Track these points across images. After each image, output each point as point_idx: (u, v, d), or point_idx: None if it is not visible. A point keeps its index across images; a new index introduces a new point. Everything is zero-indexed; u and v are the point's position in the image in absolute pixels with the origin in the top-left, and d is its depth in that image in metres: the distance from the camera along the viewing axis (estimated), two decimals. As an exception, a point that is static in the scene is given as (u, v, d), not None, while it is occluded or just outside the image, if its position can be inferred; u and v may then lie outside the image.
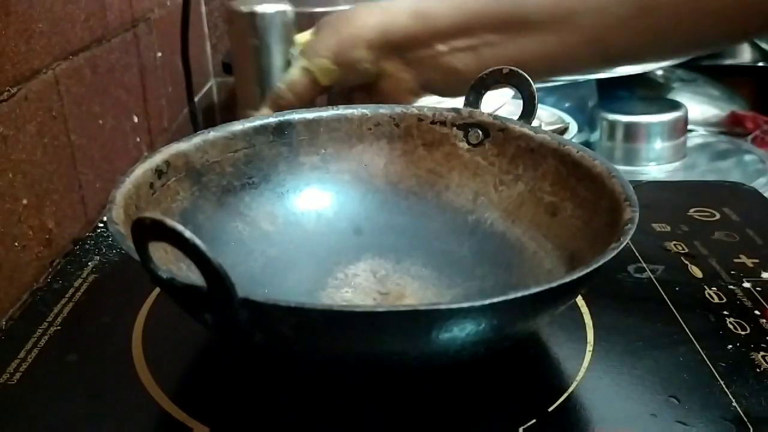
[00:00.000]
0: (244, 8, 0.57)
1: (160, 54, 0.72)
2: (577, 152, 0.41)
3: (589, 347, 0.38)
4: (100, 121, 0.57)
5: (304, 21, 0.60)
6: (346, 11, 0.55)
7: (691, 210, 0.53)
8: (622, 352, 0.37)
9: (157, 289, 0.41)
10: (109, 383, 0.36)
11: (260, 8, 0.57)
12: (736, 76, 0.99)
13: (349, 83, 0.55)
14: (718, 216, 0.52)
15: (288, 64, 0.57)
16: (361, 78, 0.54)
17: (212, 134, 0.43)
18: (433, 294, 0.41)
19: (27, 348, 0.38)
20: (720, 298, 0.42)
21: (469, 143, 0.46)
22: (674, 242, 0.48)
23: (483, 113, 0.46)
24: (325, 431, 0.33)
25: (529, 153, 0.43)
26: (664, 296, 0.42)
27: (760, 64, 0.94)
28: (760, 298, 0.42)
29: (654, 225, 0.50)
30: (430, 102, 0.54)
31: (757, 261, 0.46)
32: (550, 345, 0.38)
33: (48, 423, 0.33)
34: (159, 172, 0.39)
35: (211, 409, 0.34)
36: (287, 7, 0.58)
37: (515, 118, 0.45)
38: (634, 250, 0.47)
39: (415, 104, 0.54)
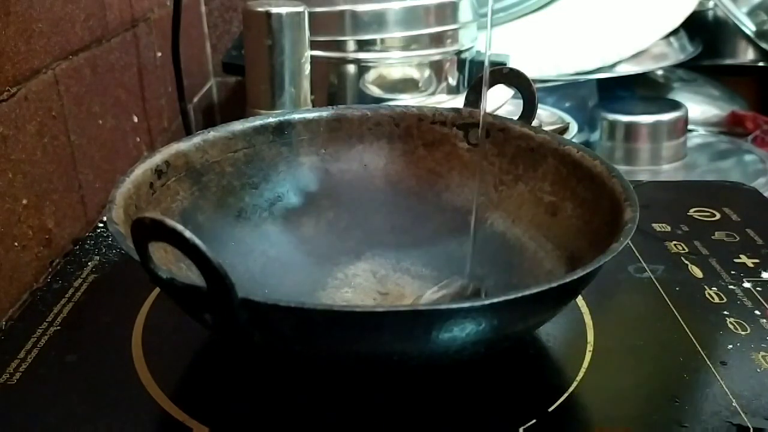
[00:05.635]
0: (260, 8, 0.57)
1: (159, 54, 0.72)
2: (577, 152, 0.41)
3: (589, 347, 0.38)
4: (100, 121, 0.57)
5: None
6: None
7: (691, 210, 0.53)
8: (622, 352, 0.37)
9: (157, 289, 0.41)
10: (109, 383, 0.36)
11: (275, 9, 0.57)
12: (736, 76, 0.99)
13: None
14: (718, 216, 0.52)
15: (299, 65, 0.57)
16: None
17: (212, 134, 0.43)
18: (433, 294, 0.41)
19: (27, 348, 0.38)
20: (720, 298, 0.42)
21: (469, 143, 0.46)
22: (674, 242, 0.48)
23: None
24: (324, 431, 0.33)
25: (529, 153, 0.43)
26: (664, 296, 0.42)
27: (760, 64, 0.94)
28: (760, 298, 0.42)
29: (654, 225, 0.50)
30: (430, 102, 0.54)
31: (757, 261, 0.46)
32: (550, 345, 0.38)
33: (48, 423, 0.33)
34: (159, 172, 0.39)
35: (211, 409, 0.34)
36: (302, 8, 0.58)
37: (515, 118, 0.45)
38: (634, 250, 0.47)
39: (415, 104, 0.54)
